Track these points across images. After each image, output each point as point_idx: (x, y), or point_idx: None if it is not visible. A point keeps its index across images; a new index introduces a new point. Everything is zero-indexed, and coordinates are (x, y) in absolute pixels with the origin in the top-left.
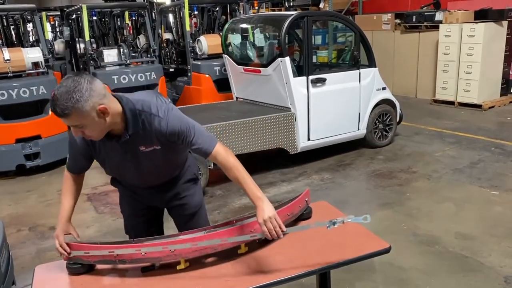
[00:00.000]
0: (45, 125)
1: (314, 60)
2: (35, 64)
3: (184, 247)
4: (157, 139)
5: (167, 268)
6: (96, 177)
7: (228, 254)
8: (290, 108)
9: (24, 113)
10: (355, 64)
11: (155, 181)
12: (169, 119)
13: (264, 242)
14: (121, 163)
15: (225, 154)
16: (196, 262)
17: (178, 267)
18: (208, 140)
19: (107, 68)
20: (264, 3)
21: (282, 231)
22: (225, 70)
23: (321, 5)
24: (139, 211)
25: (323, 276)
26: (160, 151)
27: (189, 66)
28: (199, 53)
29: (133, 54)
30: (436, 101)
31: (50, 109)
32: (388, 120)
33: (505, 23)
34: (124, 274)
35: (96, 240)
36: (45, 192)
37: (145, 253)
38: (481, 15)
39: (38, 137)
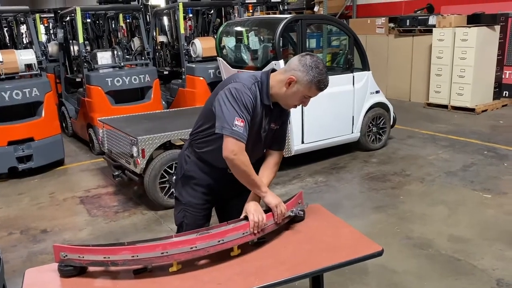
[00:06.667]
0: (37, 127)
1: None
2: (28, 66)
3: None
4: (282, 119)
5: (159, 270)
6: (89, 179)
7: (220, 257)
8: None
9: (16, 116)
10: (349, 68)
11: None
12: None
13: (256, 244)
14: (256, 133)
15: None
16: (189, 265)
17: (171, 270)
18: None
19: (101, 70)
20: (258, 6)
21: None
22: (219, 73)
23: (316, 9)
24: (203, 204)
25: (316, 279)
26: (275, 130)
27: (183, 69)
28: (193, 55)
29: (127, 56)
30: (429, 104)
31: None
32: (381, 124)
33: (497, 27)
34: (116, 276)
35: (87, 243)
36: (37, 195)
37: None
38: (474, 20)
39: (30, 139)
